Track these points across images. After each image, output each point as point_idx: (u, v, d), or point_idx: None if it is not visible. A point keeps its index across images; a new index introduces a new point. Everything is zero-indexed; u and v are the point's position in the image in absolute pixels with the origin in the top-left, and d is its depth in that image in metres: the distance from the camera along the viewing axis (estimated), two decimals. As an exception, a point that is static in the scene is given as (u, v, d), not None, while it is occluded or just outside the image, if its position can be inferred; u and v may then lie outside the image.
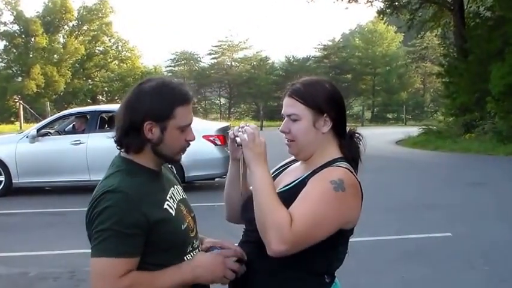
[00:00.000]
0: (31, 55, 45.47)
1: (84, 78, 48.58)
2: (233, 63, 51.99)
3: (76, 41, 46.93)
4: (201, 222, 2.03)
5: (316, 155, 1.91)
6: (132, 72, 48.01)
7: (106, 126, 10.48)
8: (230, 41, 50.71)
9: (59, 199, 9.77)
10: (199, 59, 52.33)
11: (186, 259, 1.82)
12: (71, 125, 11.16)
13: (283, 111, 1.93)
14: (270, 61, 51.66)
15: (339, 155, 1.91)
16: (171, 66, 51.91)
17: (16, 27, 46.59)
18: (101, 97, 48.16)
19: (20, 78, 45.80)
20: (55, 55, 46.47)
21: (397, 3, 26.20)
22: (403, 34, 40.87)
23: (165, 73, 49.95)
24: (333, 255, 1.88)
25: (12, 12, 46.25)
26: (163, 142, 1.79)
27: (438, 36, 30.41)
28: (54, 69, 44.49)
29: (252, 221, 1.80)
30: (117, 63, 50.19)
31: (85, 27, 48.88)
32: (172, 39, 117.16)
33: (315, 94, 1.89)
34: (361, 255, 5.53)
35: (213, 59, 51.71)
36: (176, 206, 1.85)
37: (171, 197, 1.85)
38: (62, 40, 48.42)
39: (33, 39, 45.23)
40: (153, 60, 73.06)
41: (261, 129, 13.78)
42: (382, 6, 26.91)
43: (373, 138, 15.19)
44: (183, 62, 51.82)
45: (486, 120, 19.61)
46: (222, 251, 1.86)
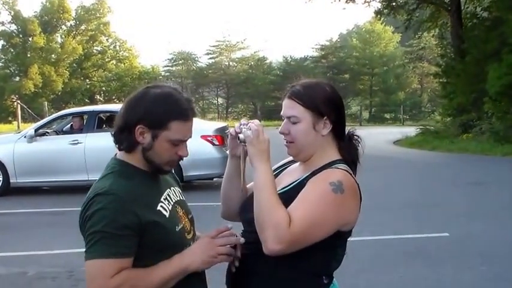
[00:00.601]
0: (29, 55, 45.42)
1: (82, 78, 48.50)
2: (231, 63, 51.90)
3: (74, 41, 46.82)
4: (199, 222, 2.04)
5: (316, 156, 1.92)
6: (129, 72, 48.03)
7: (104, 126, 10.49)
8: (228, 41, 50.65)
9: (57, 199, 9.77)
10: (197, 58, 52.27)
11: None
12: (69, 125, 11.17)
13: (282, 113, 1.93)
14: (267, 61, 51.52)
15: (338, 157, 1.92)
16: (168, 66, 51.88)
17: (14, 27, 46.61)
18: (98, 97, 48.09)
19: (17, 78, 45.71)
20: (53, 55, 46.37)
21: (394, 4, 26.17)
22: (401, 34, 40.97)
23: (163, 73, 49.95)
24: (331, 256, 1.89)
25: (10, 12, 46.26)
26: (152, 149, 1.79)
27: (435, 36, 30.45)
28: (51, 69, 44.41)
29: (251, 222, 1.81)
30: (114, 63, 50.12)
31: (83, 27, 48.82)
32: (170, 38, 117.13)
33: (315, 96, 1.90)
34: (359, 255, 5.55)
35: (211, 59, 51.63)
36: (171, 207, 1.85)
37: (166, 199, 1.85)
38: (59, 40, 48.37)
39: (30, 39, 45.14)
40: (151, 60, 73.23)
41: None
42: (380, 7, 26.89)
43: (371, 138, 15.16)
44: (180, 61, 51.69)
45: (483, 120, 19.63)
46: (206, 233, 1.85)
